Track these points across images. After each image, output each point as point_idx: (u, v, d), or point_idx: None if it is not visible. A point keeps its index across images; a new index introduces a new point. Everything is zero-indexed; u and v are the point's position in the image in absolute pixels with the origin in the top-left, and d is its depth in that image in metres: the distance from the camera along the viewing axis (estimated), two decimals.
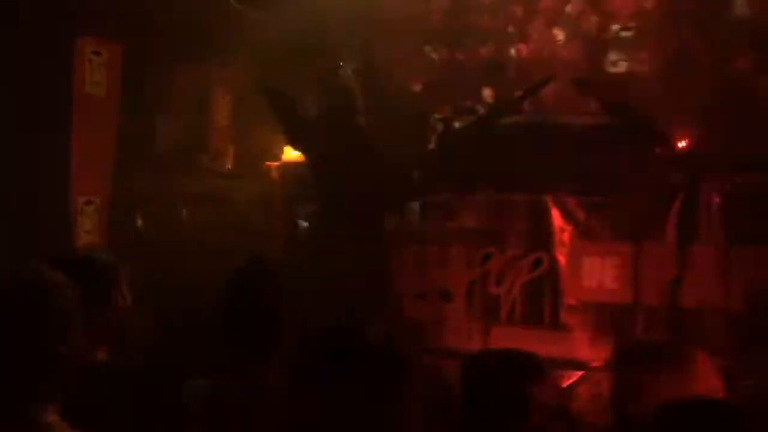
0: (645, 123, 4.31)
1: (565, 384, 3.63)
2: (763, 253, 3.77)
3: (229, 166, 5.23)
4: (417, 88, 5.62)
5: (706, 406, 1.24)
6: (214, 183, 4.79)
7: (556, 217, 4.18)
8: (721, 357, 3.75)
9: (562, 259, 4.16)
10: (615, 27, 5.33)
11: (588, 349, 3.98)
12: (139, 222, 4.58)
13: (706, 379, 1.71)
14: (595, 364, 3.81)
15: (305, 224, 4.32)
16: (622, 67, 5.29)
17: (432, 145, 4.90)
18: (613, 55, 5.30)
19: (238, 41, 5.08)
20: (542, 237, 4.19)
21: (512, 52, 5.57)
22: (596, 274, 4.07)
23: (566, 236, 4.16)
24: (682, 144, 4.44)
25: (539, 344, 4.07)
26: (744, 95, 4.63)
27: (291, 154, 5.07)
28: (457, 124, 4.78)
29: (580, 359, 3.91)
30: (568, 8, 5.46)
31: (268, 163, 4.69)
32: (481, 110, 4.85)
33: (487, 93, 5.00)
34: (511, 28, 5.57)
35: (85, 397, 1.36)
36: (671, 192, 4.01)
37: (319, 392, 1.28)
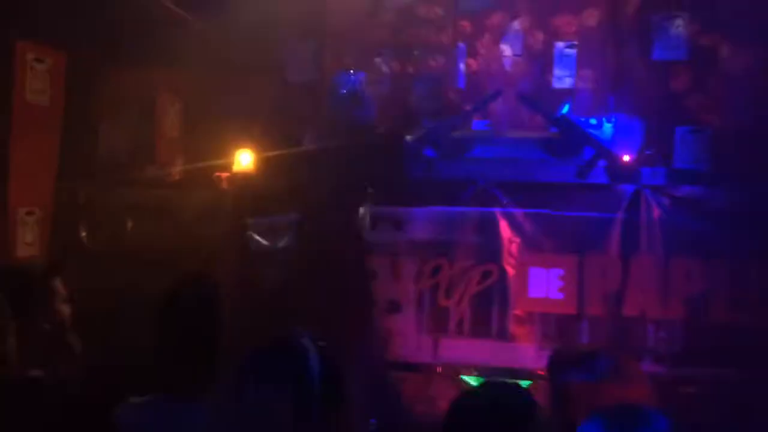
0: (588, 137, 4.43)
1: None
2: (701, 264, 3.92)
3: (177, 177, 5.15)
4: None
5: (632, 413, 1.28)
6: (161, 194, 4.70)
7: (505, 229, 4.25)
8: (661, 365, 3.88)
9: (510, 270, 4.23)
10: (560, 44, 5.47)
11: (534, 358, 4.05)
12: (83, 234, 4.46)
13: (637, 386, 1.76)
14: (540, 373, 3.87)
15: (257, 237, 4.27)
16: (566, 83, 5.44)
17: (383, 158, 4.92)
18: (558, 71, 5.44)
19: (187, 49, 5.02)
20: (491, 249, 4.25)
21: (462, 66, 5.66)
22: (542, 285, 4.15)
23: (514, 248, 4.24)
24: (625, 158, 4.58)
25: (487, 355, 4.15)
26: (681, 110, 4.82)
27: (241, 165, 5.02)
28: (407, 138, 4.81)
29: (526, 369, 3.98)
30: (516, 25, 5.59)
31: (217, 173, 4.62)
32: (431, 123, 4.91)
33: (435, 106, 5.05)
34: (460, 43, 5.66)
35: (16, 413, 1.32)
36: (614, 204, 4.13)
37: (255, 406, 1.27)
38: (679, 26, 5.21)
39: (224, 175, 4.51)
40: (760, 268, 3.91)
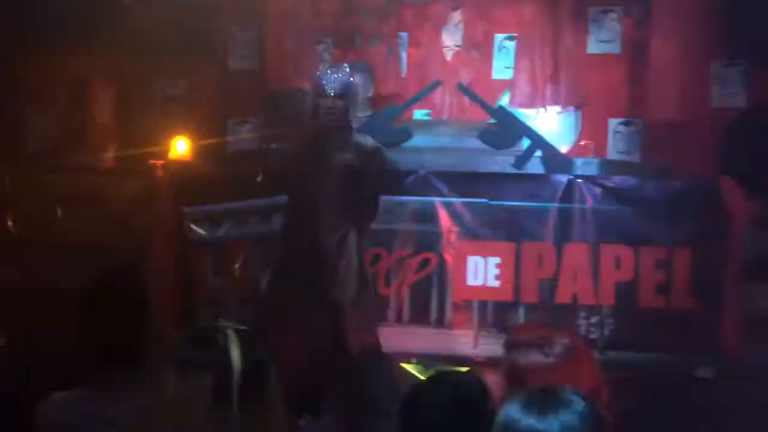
0: (526, 128, 4.51)
1: None
2: (630, 252, 4.05)
3: (110, 164, 5.01)
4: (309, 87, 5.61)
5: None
6: (93, 181, 4.56)
7: (444, 218, 4.30)
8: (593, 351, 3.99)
9: (449, 258, 4.28)
10: (500, 36, 5.54)
11: (472, 346, 4.12)
12: (10, 223, 4.30)
13: (588, 367, 1.81)
14: (477, 360, 3.94)
15: (194, 227, 4.19)
16: (506, 74, 5.52)
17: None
18: (497, 63, 5.51)
19: (121, 32, 4.88)
20: (430, 238, 4.29)
21: (403, 55, 5.67)
22: (480, 273, 4.22)
23: (453, 237, 4.29)
24: (561, 149, 4.69)
25: (426, 343, 4.19)
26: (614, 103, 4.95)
27: (177, 152, 4.92)
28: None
29: (465, 356, 4.04)
30: (456, 16, 5.62)
31: (152, 161, 4.51)
32: (370, 113, 4.90)
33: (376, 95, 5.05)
34: (401, 32, 5.67)
35: None
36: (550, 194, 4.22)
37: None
38: (613, 20, 5.35)
39: (159, 162, 4.41)
40: (686, 255, 4.06)
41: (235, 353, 1.33)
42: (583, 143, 5.17)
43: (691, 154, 5.01)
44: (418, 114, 5.50)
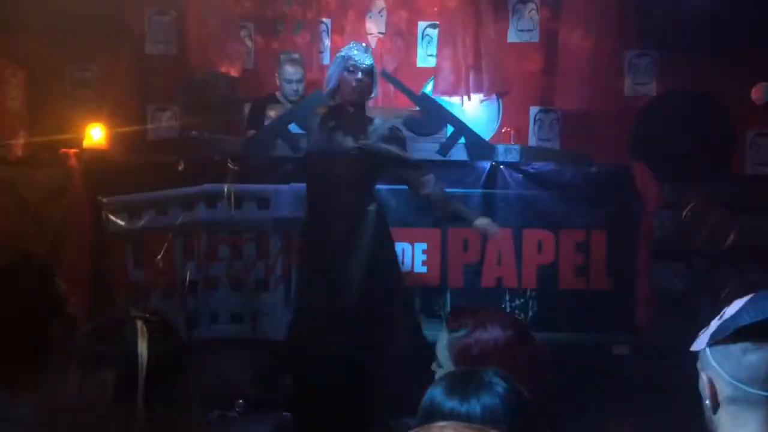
0: (449, 115, 4.57)
1: None
2: (551, 236, 4.18)
3: (20, 153, 4.75)
4: (233, 73, 5.50)
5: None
6: (2, 171, 4.31)
7: None
8: None
9: None
10: (423, 23, 5.59)
11: None
12: None
13: (529, 347, 1.85)
14: None
15: (112, 217, 4.02)
16: (429, 62, 5.57)
17: (248, 134, 4.82)
18: (421, 50, 5.56)
19: (31, 14, 4.62)
20: None
21: (327, 42, 5.64)
22: (408, 259, 4.25)
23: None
24: (484, 136, 4.77)
25: None
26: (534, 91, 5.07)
27: (92, 141, 4.72)
28: (272, 113, 4.72)
29: None
30: (380, 3, 5.63)
31: (64, 150, 4.30)
32: (296, 84, 4.87)
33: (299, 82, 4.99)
34: (324, 19, 5.63)
35: None
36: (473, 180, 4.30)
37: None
38: (531, 10, 5.48)
39: (72, 151, 4.21)
40: (602, 237, 4.23)
41: (143, 346, 1.28)
42: (504, 130, 5.29)
43: (605, 141, 5.22)
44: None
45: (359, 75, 3.44)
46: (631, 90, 5.55)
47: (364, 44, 3.80)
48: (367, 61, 3.48)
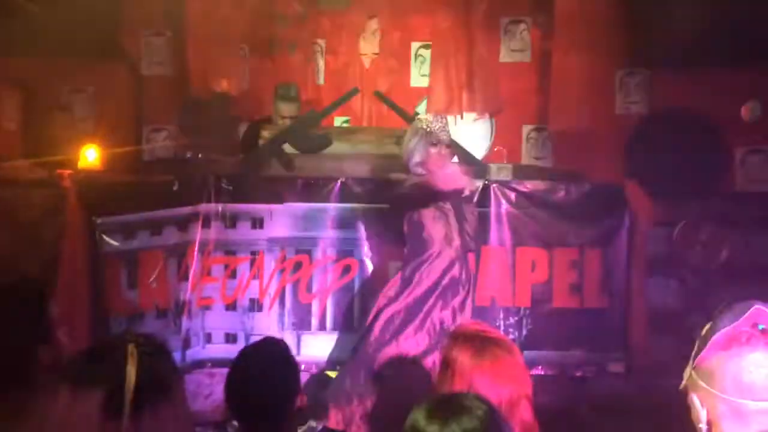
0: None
1: None
2: (544, 254, 4.19)
3: (15, 173, 4.75)
4: (231, 92, 5.55)
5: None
6: None
7: (364, 224, 4.31)
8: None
9: (370, 264, 4.31)
10: (416, 44, 5.64)
11: None
12: None
13: (519, 360, 1.86)
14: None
15: (106, 238, 4.03)
16: (422, 81, 5.62)
17: (241, 153, 4.84)
18: (414, 70, 5.61)
19: (27, 36, 4.67)
20: (351, 244, 4.30)
21: (321, 63, 5.69)
22: None
23: (374, 242, 4.31)
24: (477, 154, 4.80)
25: (350, 348, 4.19)
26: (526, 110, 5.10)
27: (87, 161, 4.73)
28: (266, 133, 4.75)
29: None
30: (373, 24, 5.69)
31: (59, 170, 4.31)
32: (289, 120, 4.88)
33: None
34: (319, 40, 5.68)
35: None
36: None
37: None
38: (523, 30, 5.54)
39: (67, 172, 4.22)
40: (596, 255, 4.24)
41: (131, 370, 1.28)
42: (497, 149, 5.32)
43: (598, 159, 5.25)
44: (338, 121, 5.53)
45: (443, 149, 3.71)
46: (623, 108, 5.59)
47: (443, 117, 3.94)
48: (449, 134, 3.77)
